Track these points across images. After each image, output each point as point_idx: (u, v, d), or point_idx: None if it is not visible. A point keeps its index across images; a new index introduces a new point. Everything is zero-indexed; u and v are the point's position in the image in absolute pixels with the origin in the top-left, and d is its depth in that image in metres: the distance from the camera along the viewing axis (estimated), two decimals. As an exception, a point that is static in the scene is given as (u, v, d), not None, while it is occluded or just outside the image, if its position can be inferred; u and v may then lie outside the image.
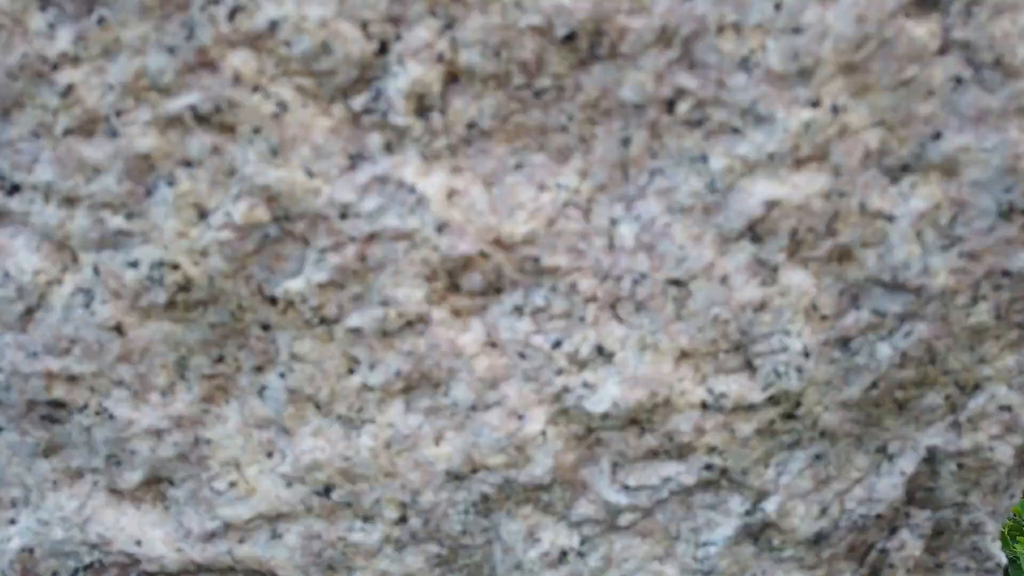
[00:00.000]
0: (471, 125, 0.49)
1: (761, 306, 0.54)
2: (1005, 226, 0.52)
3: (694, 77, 0.48)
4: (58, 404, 0.52)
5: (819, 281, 0.53)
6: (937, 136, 0.50)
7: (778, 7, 0.46)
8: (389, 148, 0.49)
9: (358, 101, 0.47)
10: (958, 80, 0.49)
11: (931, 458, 0.62)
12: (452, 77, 0.47)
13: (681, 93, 0.49)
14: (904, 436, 0.61)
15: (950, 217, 0.52)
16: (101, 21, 0.44)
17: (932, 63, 0.48)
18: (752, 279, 0.53)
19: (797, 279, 0.53)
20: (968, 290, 0.54)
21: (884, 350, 0.56)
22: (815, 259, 0.53)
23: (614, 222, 0.52)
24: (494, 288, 0.53)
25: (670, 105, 0.49)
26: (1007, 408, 0.60)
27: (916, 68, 0.48)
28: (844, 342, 0.55)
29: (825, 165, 0.50)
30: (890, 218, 0.52)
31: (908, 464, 0.61)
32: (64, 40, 0.44)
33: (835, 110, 0.49)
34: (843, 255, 0.53)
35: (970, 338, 0.56)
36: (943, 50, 0.48)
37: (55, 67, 0.44)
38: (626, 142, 0.50)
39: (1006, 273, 0.54)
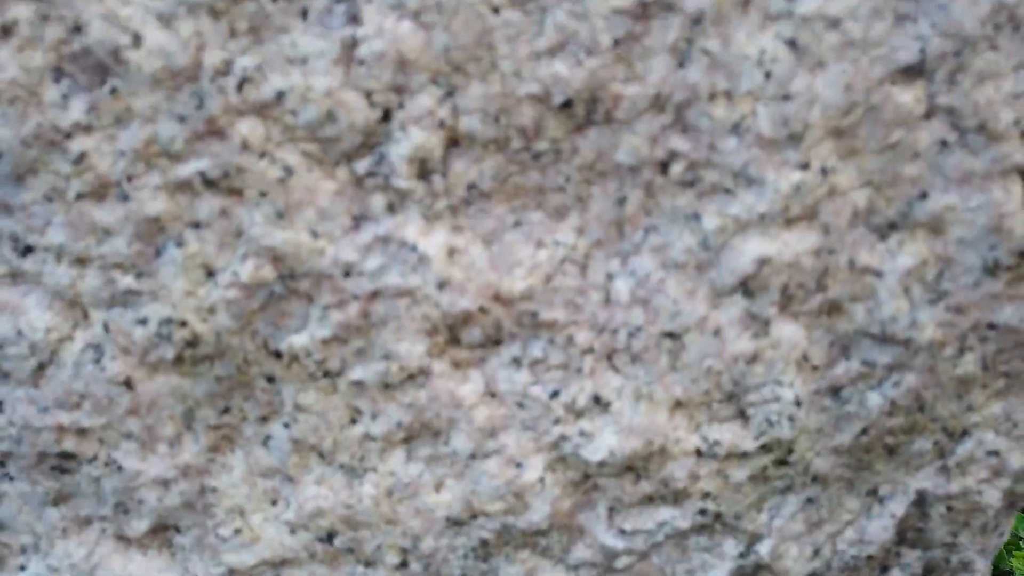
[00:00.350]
0: (471, 186, 0.50)
1: (753, 358, 0.55)
2: (991, 281, 0.54)
3: (687, 141, 0.50)
4: (68, 456, 0.54)
5: (810, 333, 0.55)
6: (923, 196, 0.51)
7: (768, 76, 0.48)
8: (392, 209, 0.50)
9: (362, 165, 0.49)
10: (943, 143, 0.50)
11: (921, 501, 0.63)
12: (453, 141, 0.49)
13: (674, 155, 0.50)
14: (894, 480, 0.62)
15: (937, 273, 0.53)
16: (113, 91, 0.45)
17: (918, 127, 0.50)
18: (744, 332, 0.54)
19: (788, 332, 0.55)
20: (955, 342, 0.55)
21: (874, 399, 0.57)
22: (806, 313, 0.54)
23: (610, 277, 0.53)
24: (493, 340, 0.54)
25: (664, 167, 0.51)
26: (995, 453, 0.61)
27: (902, 132, 0.50)
28: (835, 391, 0.57)
29: (815, 224, 0.52)
30: (878, 274, 0.53)
31: (898, 507, 0.63)
32: (77, 110, 0.45)
33: (824, 172, 0.51)
34: (833, 309, 0.54)
35: (958, 387, 0.58)
36: (928, 115, 0.50)
37: (68, 136, 0.46)
38: (621, 201, 0.52)
39: (992, 326, 0.55)
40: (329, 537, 0.58)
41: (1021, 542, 1.00)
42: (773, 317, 0.54)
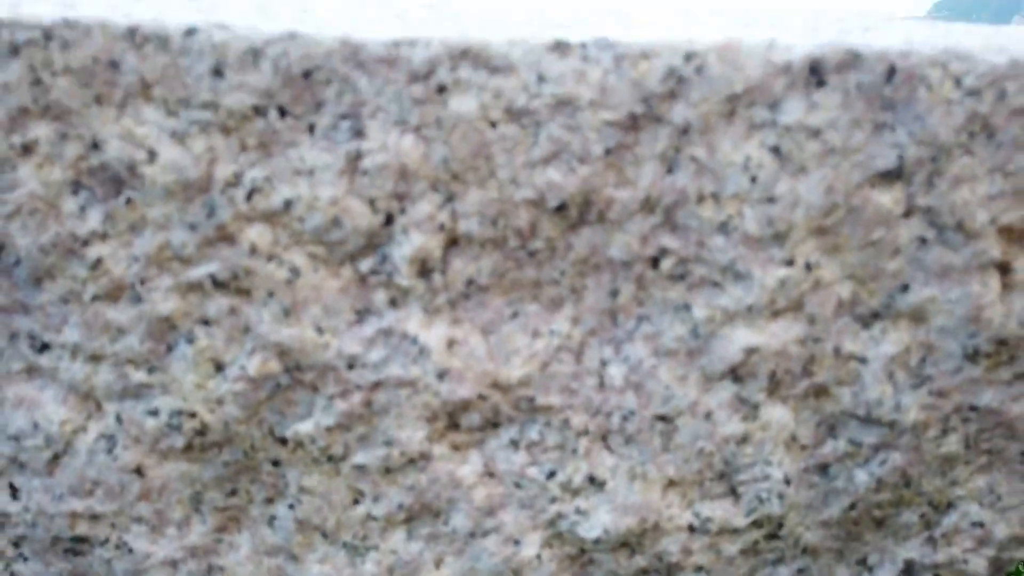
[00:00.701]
0: (470, 282, 0.53)
1: (744, 439, 0.58)
2: (971, 367, 0.56)
3: (676, 238, 0.52)
4: (81, 539, 0.56)
5: (798, 415, 0.57)
6: (905, 288, 0.54)
7: (753, 180, 0.51)
8: (394, 303, 0.53)
9: (365, 264, 0.51)
10: (923, 240, 0.53)
11: (909, 570, 0.66)
12: (452, 242, 0.51)
13: (664, 252, 0.53)
14: (883, 549, 0.64)
15: (919, 359, 0.56)
16: (129, 202, 0.48)
17: (897, 225, 0.52)
18: (734, 415, 0.57)
19: (777, 414, 0.57)
20: (938, 423, 0.58)
21: (861, 476, 0.60)
22: (794, 396, 0.57)
23: (604, 363, 0.56)
24: (491, 423, 0.57)
25: (655, 262, 0.53)
26: (979, 524, 0.63)
27: (883, 230, 0.52)
28: (823, 468, 0.59)
29: (800, 314, 0.54)
30: (863, 360, 0.56)
31: (887, 575, 0.65)
32: (94, 220, 0.48)
33: (808, 267, 0.53)
34: (820, 392, 0.57)
35: (942, 464, 0.60)
36: (908, 214, 0.52)
37: (85, 243, 0.48)
38: (614, 293, 0.54)
39: (974, 408, 0.57)
40: (332, 613, 0.60)
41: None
42: (762, 401, 0.57)
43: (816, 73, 0.49)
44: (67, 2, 0.50)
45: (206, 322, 0.51)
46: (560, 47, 0.48)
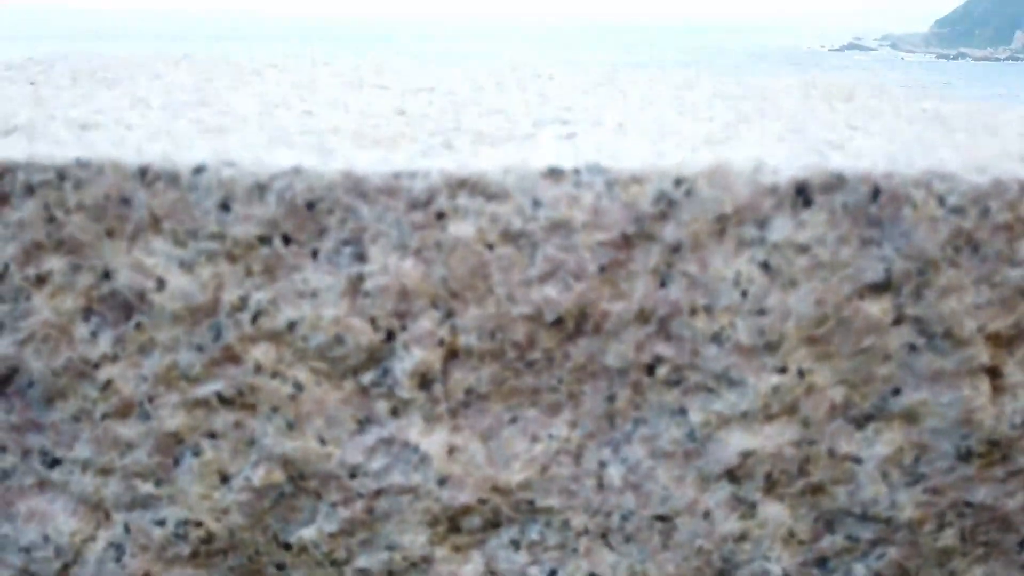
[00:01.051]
0: (469, 391, 0.55)
1: (742, 536, 0.59)
2: (965, 466, 0.57)
3: (671, 347, 0.54)
4: (89, 646, 0.57)
5: (795, 512, 0.59)
6: (897, 392, 0.56)
7: (744, 294, 0.53)
8: (395, 412, 0.55)
9: (367, 377, 0.53)
10: (912, 347, 0.54)
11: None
12: (452, 354, 0.53)
13: (660, 360, 0.55)
14: (884, 638, 0.65)
15: (913, 458, 0.57)
16: (138, 326, 0.50)
17: (888, 333, 0.54)
18: (732, 513, 0.58)
19: (774, 512, 0.59)
20: (934, 519, 0.59)
21: (859, 570, 0.61)
22: (790, 495, 0.58)
23: (603, 465, 0.57)
24: (492, 524, 0.58)
25: (650, 369, 0.55)
26: None
27: (873, 338, 0.54)
28: (822, 562, 0.60)
29: (795, 418, 0.56)
30: (857, 460, 0.57)
31: None
32: (105, 344, 0.50)
33: (801, 374, 0.55)
34: (816, 490, 0.58)
35: (939, 557, 0.61)
36: (897, 322, 0.54)
37: (96, 366, 0.50)
38: (612, 398, 0.56)
39: (968, 504, 0.59)
40: None
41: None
42: (759, 500, 0.58)
43: (802, 193, 0.51)
44: (82, 137, 0.52)
45: (212, 435, 0.53)
46: (554, 173, 0.50)
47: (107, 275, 0.49)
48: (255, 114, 0.64)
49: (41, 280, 0.49)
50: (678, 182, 0.50)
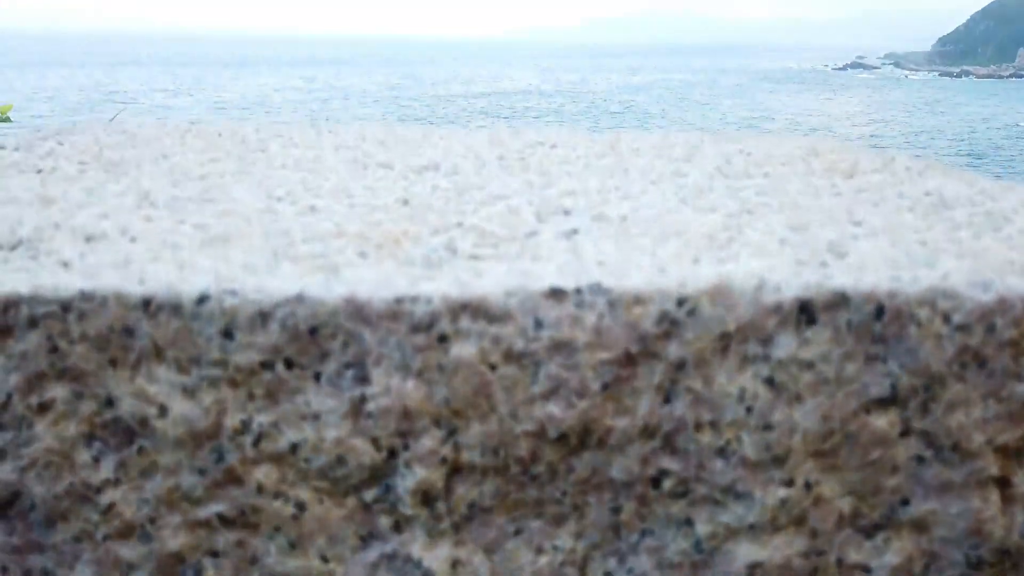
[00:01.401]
0: (472, 505, 0.55)
1: (751, 646, 0.59)
2: (976, 574, 0.57)
3: (676, 461, 0.54)
4: None
5: None
6: (905, 502, 0.55)
7: (749, 410, 0.53)
8: (397, 528, 0.54)
9: (369, 494, 0.53)
10: (920, 459, 0.54)
11: None
12: (455, 471, 0.53)
13: (665, 473, 0.55)
14: None
15: (923, 567, 0.57)
16: (140, 450, 0.50)
17: (895, 445, 0.54)
18: (741, 622, 0.58)
19: (784, 620, 0.58)
20: (947, 627, 0.59)
21: (872, 675, 0.60)
22: (800, 603, 0.58)
23: (608, 575, 0.57)
24: (497, 635, 0.58)
25: (656, 482, 0.55)
26: None
27: (880, 451, 0.54)
28: None
29: (803, 529, 0.56)
30: (867, 570, 0.57)
31: None
32: (107, 469, 0.50)
33: (808, 486, 0.55)
34: (826, 599, 0.58)
35: (954, 662, 0.61)
36: (904, 434, 0.54)
37: (98, 490, 0.51)
38: (617, 510, 0.56)
39: None
40: None
41: None
42: (769, 608, 0.58)
43: (806, 311, 0.51)
44: (86, 255, 0.53)
45: (214, 554, 0.53)
46: (556, 294, 0.50)
47: (110, 402, 0.49)
48: (258, 213, 0.65)
49: (43, 408, 0.49)
50: (680, 302, 0.50)
